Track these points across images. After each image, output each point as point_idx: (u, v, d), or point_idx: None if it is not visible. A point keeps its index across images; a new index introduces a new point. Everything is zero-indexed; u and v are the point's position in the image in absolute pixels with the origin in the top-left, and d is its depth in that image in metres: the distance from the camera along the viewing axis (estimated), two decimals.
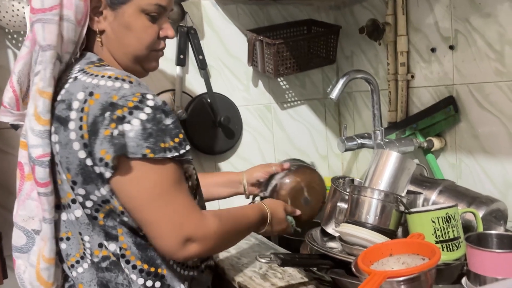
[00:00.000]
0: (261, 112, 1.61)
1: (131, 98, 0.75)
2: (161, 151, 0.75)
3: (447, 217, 0.83)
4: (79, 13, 0.81)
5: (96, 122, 0.74)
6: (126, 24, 0.84)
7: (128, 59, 0.88)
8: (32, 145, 0.77)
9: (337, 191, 1.02)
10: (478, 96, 1.17)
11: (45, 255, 0.82)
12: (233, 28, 1.53)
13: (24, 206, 0.85)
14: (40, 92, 0.77)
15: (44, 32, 0.77)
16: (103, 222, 0.82)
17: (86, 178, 0.77)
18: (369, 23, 1.37)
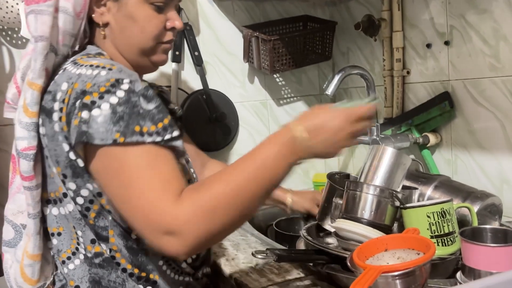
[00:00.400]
0: (257, 109, 1.61)
1: (104, 83, 0.70)
2: (134, 135, 0.67)
3: (442, 212, 0.84)
4: (78, 5, 0.79)
5: (69, 112, 0.70)
6: (130, 14, 0.81)
7: (133, 52, 0.84)
8: (18, 137, 0.76)
9: (333, 187, 1.02)
10: (473, 92, 1.17)
11: (28, 251, 0.80)
12: (229, 24, 1.53)
13: (13, 199, 0.83)
14: (30, 83, 0.75)
15: (36, 23, 0.75)
16: (93, 222, 0.79)
17: (74, 171, 0.75)
18: (365, 19, 1.38)
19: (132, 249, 0.81)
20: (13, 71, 1.26)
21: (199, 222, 0.65)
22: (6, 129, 1.26)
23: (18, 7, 1.21)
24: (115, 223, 0.79)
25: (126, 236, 0.80)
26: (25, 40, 1.25)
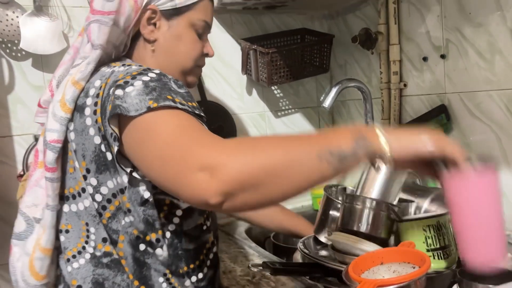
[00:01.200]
0: (255, 120, 1.62)
1: (136, 70, 0.74)
2: (167, 100, 0.68)
3: (438, 225, 0.84)
4: (127, 21, 0.85)
5: (104, 102, 0.74)
6: (178, 35, 0.89)
7: (174, 70, 0.90)
8: (50, 129, 0.79)
9: (329, 199, 1.02)
10: (469, 105, 1.18)
11: (41, 243, 0.81)
12: (227, 37, 1.54)
13: (30, 192, 0.84)
14: (74, 82, 0.80)
15: (99, 32, 0.82)
16: (106, 222, 0.80)
17: (99, 165, 0.78)
18: (362, 32, 1.39)
19: (137, 261, 0.81)
20: (13, 82, 1.27)
21: (240, 157, 0.59)
22: (5, 140, 1.26)
23: (18, 20, 1.22)
24: (128, 228, 0.80)
25: (135, 246, 0.81)
26: (25, 52, 1.26)
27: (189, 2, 0.89)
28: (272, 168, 0.59)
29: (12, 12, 1.22)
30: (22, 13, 1.23)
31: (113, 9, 0.82)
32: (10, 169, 1.27)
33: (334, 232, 0.91)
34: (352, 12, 1.56)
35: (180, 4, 0.88)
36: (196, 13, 0.90)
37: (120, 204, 0.80)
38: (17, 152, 1.27)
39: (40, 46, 1.24)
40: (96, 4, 0.82)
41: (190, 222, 0.85)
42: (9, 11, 1.21)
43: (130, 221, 0.79)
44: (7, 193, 1.26)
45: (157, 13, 0.87)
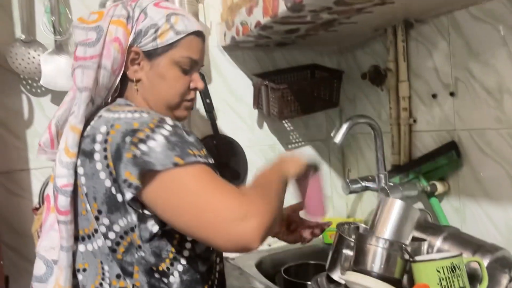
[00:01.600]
0: (266, 153, 1.64)
1: (151, 121, 0.80)
2: (190, 156, 0.76)
3: (452, 266, 0.84)
4: (115, 63, 0.89)
5: (119, 148, 0.78)
6: (161, 74, 0.92)
7: (161, 106, 0.94)
8: (58, 175, 0.83)
9: (342, 238, 1.03)
10: (479, 142, 1.19)
11: (60, 284, 0.84)
12: (239, 72, 1.58)
13: (47, 236, 0.88)
14: (72, 127, 0.84)
15: (83, 76, 0.86)
16: (121, 256, 0.84)
17: (110, 206, 0.81)
18: (371, 69, 1.42)
19: (154, 286, 0.84)
20: (32, 117, 1.30)
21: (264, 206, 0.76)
22: (22, 174, 1.29)
23: (39, 58, 1.27)
24: (140, 260, 0.83)
25: (150, 273, 0.84)
26: (44, 89, 1.30)
27: (171, 41, 0.91)
28: (277, 209, 0.81)
29: (34, 50, 1.27)
30: (43, 51, 1.27)
31: (96, 53, 0.86)
32: (26, 202, 1.29)
33: (347, 272, 0.91)
34: (361, 48, 1.60)
35: (161, 44, 0.91)
36: (178, 50, 0.92)
37: (131, 241, 0.83)
38: (34, 185, 1.30)
39: (59, 82, 1.28)
40: (79, 52, 0.87)
41: (201, 245, 0.87)
42: (31, 50, 1.26)
43: (141, 256, 0.83)
44: (22, 226, 1.28)
45: (139, 54, 0.91)
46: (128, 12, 0.92)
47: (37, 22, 1.29)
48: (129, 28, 0.91)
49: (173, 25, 0.92)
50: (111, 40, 0.88)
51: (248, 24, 1.31)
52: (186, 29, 0.94)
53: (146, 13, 0.92)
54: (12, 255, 1.27)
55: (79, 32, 0.89)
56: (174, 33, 0.92)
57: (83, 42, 0.88)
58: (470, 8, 1.17)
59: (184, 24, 0.94)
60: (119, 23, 0.90)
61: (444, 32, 1.26)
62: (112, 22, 0.90)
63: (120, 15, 0.91)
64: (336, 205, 1.76)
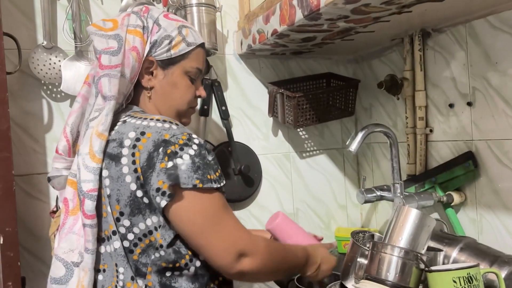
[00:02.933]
0: (280, 161, 1.64)
1: (181, 136, 0.85)
2: (208, 182, 0.84)
3: (468, 277, 0.83)
4: (133, 72, 0.94)
5: (152, 157, 0.83)
6: (174, 83, 0.98)
7: (171, 112, 0.99)
8: (84, 180, 0.86)
9: (356, 246, 1.02)
10: (497, 152, 1.17)
11: (84, 285, 0.87)
12: (255, 80, 1.59)
13: (66, 239, 0.90)
14: (99, 134, 0.88)
15: (110, 85, 0.89)
16: (137, 257, 0.87)
17: (133, 209, 0.85)
18: (388, 78, 1.42)
19: (165, 286, 0.87)
20: (51, 122, 1.33)
21: (266, 253, 0.87)
22: (40, 177, 1.31)
23: (60, 64, 1.29)
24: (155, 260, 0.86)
25: (162, 273, 0.87)
26: (64, 94, 1.33)
27: (183, 52, 0.98)
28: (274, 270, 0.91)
29: (55, 56, 1.29)
30: (64, 58, 1.30)
31: (119, 62, 0.90)
32: (44, 205, 1.31)
33: (361, 280, 0.91)
34: (377, 57, 1.60)
35: (175, 54, 0.97)
36: (189, 61, 0.99)
37: (151, 242, 0.86)
38: (51, 189, 1.31)
39: (78, 88, 1.29)
40: (104, 60, 0.90)
41: None
42: (52, 56, 1.29)
43: (160, 255, 0.86)
44: (40, 229, 1.30)
45: (154, 63, 0.96)
46: (143, 23, 0.96)
47: (59, 29, 1.32)
48: (145, 38, 0.95)
49: (184, 37, 0.98)
50: (130, 49, 0.93)
51: (264, 32, 1.32)
52: (195, 41, 1.00)
53: (159, 24, 0.97)
54: (28, 257, 1.28)
55: (99, 39, 0.92)
56: (186, 44, 0.98)
57: (106, 50, 0.90)
58: (488, 18, 1.17)
59: (193, 36, 1.00)
60: (136, 33, 0.94)
61: (462, 41, 1.25)
62: (129, 31, 0.94)
63: (136, 25, 0.95)
64: (350, 214, 1.75)
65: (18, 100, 1.29)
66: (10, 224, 1.04)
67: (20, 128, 1.29)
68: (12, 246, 1.04)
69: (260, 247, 0.87)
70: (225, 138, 1.52)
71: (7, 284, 1.03)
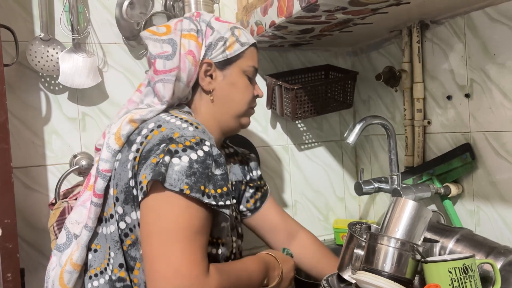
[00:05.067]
0: (279, 153, 1.64)
1: (190, 138, 0.82)
2: (198, 192, 0.77)
3: (464, 267, 0.83)
4: (189, 75, 0.94)
5: (151, 150, 0.82)
6: (233, 83, 0.98)
7: (230, 114, 0.99)
8: (103, 159, 0.88)
9: (353, 237, 1.02)
10: (495, 144, 1.18)
11: (73, 259, 0.87)
12: None
13: (77, 210, 0.92)
14: (131, 120, 0.89)
15: (164, 89, 0.91)
16: (127, 248, 0.86)
17: (126, 197, 0.85)
18: (386, 70, 1.41)
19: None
20: (49, 114, 1.33)
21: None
22: (39, 170, 1.32)
23: (57, 56, 1.29)
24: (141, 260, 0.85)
25: None
26: (62, 86, 1.33)
27: (238, 52, 0.98)
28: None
29: (53, 48, 1.29)
30: (61, 50, 1.30)
31: (174, 66, 0.91)
32: (43, 197, 1.32)
33: (358, 271, 0.91)
34: (375, 49, 1.59)
35: (231, 54, 0.97)
36: (245, 60, 1.00)
37: (136, 237, 0.85)
38: (50, 181, 1.32)
39: (76, 80, 1.30)
40: (158, 65, 0.91)
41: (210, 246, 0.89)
42: (49, 48, 1.29)
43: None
44: (39, 221, 1.30)
45: (212, 65, 0.96)
46: (196, 26, 0.97)
47: (56, 21, 1.32)
48: (200, 42, 0.96)
49: (238, 38, 0.99)
50: (186, 53, 0.93)
51: (262, 24, 1.31)
52: (248, 41, 1.01)
53: (212, 27, 0.98)
54: (27, 248, 1.29)
55: (153, 43, 0.93)
56: (240, 44, 0.99)
57: (160, 54, 0.91)
58: (487, 9, 1.16)
59: (246, 37, 1.02)
60: (191, 37, 0.95)
61: (460, 33, 1.25)
62: (183, 36, 0.95)
63: (191, 29, 0.96)
64: (348, 206, 1.75)
65: (16, 92, 1.29)
66: (9, 216, 1.04)
67: (18, 120, 1.29)
68: (11, 237, 1.04)
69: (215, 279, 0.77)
70: None
71: (6, 276, 1.04)
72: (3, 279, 1.03)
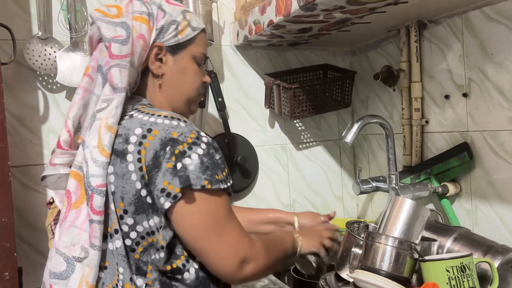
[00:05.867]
0: (277, 152, 1.64)
1: (189, 135, 0.82)
2: (217, 183, 0.82)
3: (461, 266, 0.84)
4: (139, 60, 0.91)
5: (158, 156, 0.80)
6: (184, 68, 0.96)
7: (181, 100, 0.98)
8: (93, 175, 0.83)
9: (351, 236, 1.03)
10: (492, 144, 1.18)
11: (89, 281, 0.84)
12: (252, 72, 1.59)
13: (67, 233, 0.87)
14: (109, 127, 0.85)
15: (121, 75, 0.87)
16: (139, 256, 0.85)
17: (138, 208, 0.83)
18: (384, 69, 1.42)
19: (165, 284, 0.85)
20: (47, 113, 1.33)
21: (265, 255, 0.87)
22: (37, 169, 1.31)
23: (55, 55, 1.29)
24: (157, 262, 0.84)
25: (163, 272, 0.85)
26: (60, 85, 1.32)
27: (190, 36, 0.96)
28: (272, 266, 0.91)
29: (50, 47, 1.29)
30: (59, 49, 1.30)
31: (129, 52, 0.88)
32: (40, 196, 1.31)
33: (356, 270, 0.91)
34: (373, 49, 1.60)
35: (183, 39, 0.95)
36: (196, 46, 0.97)
37: (152, 242, 0.84)
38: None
39: (74, 79, 1.30)
40: (114, 49, 0.87)
41: None
42: (47, 47, 1.29)
43: (160, 257, 0.84)
44: (36, 220, 1.30)
45: (163, 49, 0.93)
46: (147, 9, 0.93)
47: (54, 19, 1.32)
48: (151, 25, 0.93)
49: (189, 22, 0.96)
50: (137, 36, 0.90)
51: (261, 23, 1.31)
52: (198, 26, 0.98)
53: (164, 9, 0.95)
54: (25, 247, 1.29)
55: (106, 26, 0.89)
56: (192, 29, 0.96)
57: (115, 38, 0.88)
58: (484, 9, 1.17)
59: (196, 21, 0.99)
60: (142, 20, 0.92)
61: (458, 33, 1.25)
62: (135, 18, 0.91)
63: (142, 12, 0.92)
64: (347, 205, 1.76)
65: (14, 91, 1.28)
66: (6, 215, 1.04)
67: (16, 119, 1.29)
68: (9, 236, 1.04)
69: (259, 248, 0.86)
70: (222, 130, 1.52)
71: (4, 275, 1.04)
72: (0, 278, 1.03)
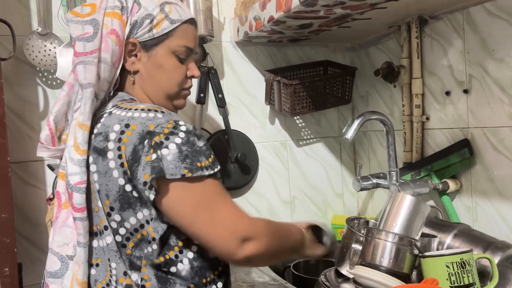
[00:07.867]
0: (277, 149, 1.64)
1: (166, 125, 0.81)
2: (198, 170, 0.80)
3: (461, 262, 0.84)
4: (114, 56, 0.89)
5: (137, 151, 0.80)
6: (159, 64, 0.93)
7: (160, 96, 0.95)
8: (71, 173, 0.84)
9: (351, 232, 1.03)
10: (493, 140, 1.18)
11: (78, 278, 0.85)
12: (252, 68, 1.58)
13: (60, 232, 0.88)
14: (80, 125, 0.85)
15: (85, 72, 0.86)
16: (131, 251, 0.85)
17: (123, 204, 0.83)
18: (384, 66, 1.41)
19: (161, 278, 0.85)
20: (47, 109, 1.32)
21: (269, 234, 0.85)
22: (36, 164, 1.31)
23: (54, 50, 1.29)
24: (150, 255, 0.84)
25: (157, 266, 0.85)
26: (60, 81, 1.32)
27: (166, 30, 0.92)
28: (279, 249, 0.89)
29: (50, 43, 1.29)
30: (59, 44, 1.29)
31: (95, 48, 0.86)
32: (40, 192, 1.31)
33: (356, 266, 0.91)
34: (374, 45, 1.59)
35: (157, 34, 0.92)
36: (174, 39, 0.93)
37: (143, 236, 0.84)
38: (48, 176, 1.32)
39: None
40: (78, 47, 0.86)
41: None
42: (47, 42, 1.28)
43: (153, 249, 0.84)
44: (36, 216, 1.30)
45: (136, 45, 0.92)
46: (121, 3, 0.91)
47: (54, 15, 1.31)
48: (125, 19, 0.91)
49: (167, 14, 0.93)
50: (108, 32, 0.88)
51: (261, 19, 1.31)
52: (180, 18, 0.94)
53: (139, 3, 0.92)
54: (25, 243, 1.29)
55: (75, 26, 0.88)
56: (169, 22, 0.93)
57: (80, 36, 0.87)
58: (485, 4, 1.16)
59: (178, 13, 0.94)
60: (114, 15, 0.90)
61: (459, 29, 1.25)
62: (106, 14, 0.90)
63: (114, 6, 0.91)
64: (347, 202, 1.75)
65: (13, 87, 1.28)
66: (6, 211, 1.04)
67: (15, 115, 1.29)
68: (9, 232, 1.04)
69: (261, 227, 0.84)
70: (222, 126, 1.52)
71: (4, 270, 1.04)
72: (0, 273, 1.03)
